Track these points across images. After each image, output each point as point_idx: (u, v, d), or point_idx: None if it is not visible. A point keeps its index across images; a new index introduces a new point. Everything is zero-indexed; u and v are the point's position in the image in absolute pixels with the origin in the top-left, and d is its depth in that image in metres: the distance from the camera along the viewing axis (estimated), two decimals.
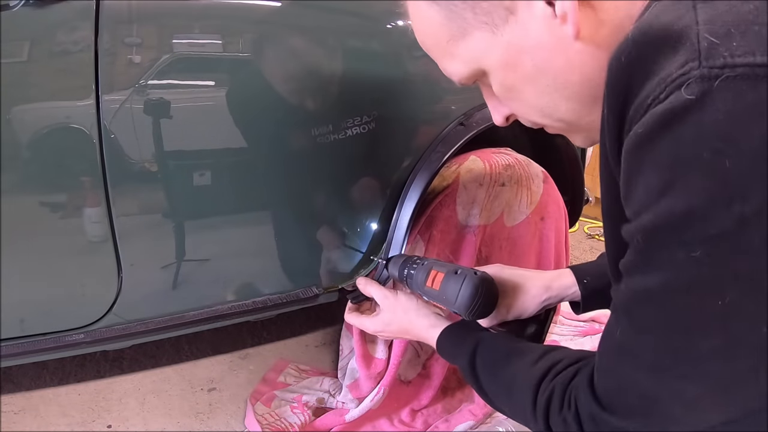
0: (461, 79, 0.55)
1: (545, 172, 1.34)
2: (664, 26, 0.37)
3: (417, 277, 0.87)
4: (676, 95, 0.35)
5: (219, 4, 0.99)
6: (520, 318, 0.87)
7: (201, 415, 1.23)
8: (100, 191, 0.94)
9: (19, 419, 1.18)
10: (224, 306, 1.13)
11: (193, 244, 1.04)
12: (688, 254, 0.37)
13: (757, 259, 0.35)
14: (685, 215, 0.36)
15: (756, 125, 0.33)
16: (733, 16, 0.35)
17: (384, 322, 0.97)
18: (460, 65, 0.54)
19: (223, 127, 0.99)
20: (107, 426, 1.19)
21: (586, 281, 0.84)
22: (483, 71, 0.53)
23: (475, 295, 0.77)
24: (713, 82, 0.33)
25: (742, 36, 0.33)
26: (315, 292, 1.20)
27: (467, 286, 0.77)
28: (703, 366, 0.41)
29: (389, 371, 1.21)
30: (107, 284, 1.01)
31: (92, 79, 0.88)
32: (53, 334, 1.03)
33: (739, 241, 0.35)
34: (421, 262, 0.89)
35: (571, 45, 0.46)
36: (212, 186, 1.01)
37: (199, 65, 0.97)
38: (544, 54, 0.48)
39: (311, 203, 1.12)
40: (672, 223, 0.37)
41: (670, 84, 0.35)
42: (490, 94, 0.58)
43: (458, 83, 0.57)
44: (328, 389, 1.30)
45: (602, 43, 0.46)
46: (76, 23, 0.87)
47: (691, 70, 0.34)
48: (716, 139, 0.34)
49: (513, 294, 0.86)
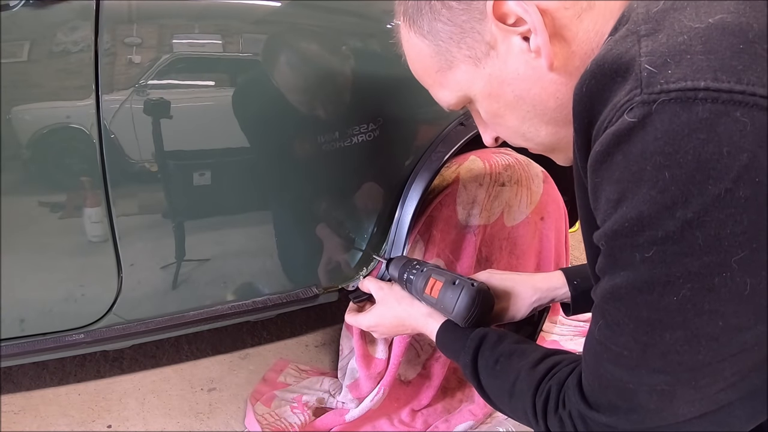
0: (449, 105, 0.61)
1: (545, 172, 1.34)
2: (615, 59, 0.43)
3: (416, 283, 0.90)
4: (622, 119, 0.40)
5: (219, 4, 0.99)
6: (512, 321, 0.88)
7: (201, 415, 1.23)
8: (100, 191, 0.94)
9: (19, 419, 1.18)
10: (224, 306, 1.13)
11: (193, 244, 1.04)
12: (643, 256, 0.42)
13: (704, 258, 0.40)
14: (637, 221, 0.41)
15: (690, 141, 0.38)
16: (669, 47, 0.40)
17: (379, 314, 0.98)
18: (448, 93, 0.60)
19: (223, 127, 0.99)
20: (107, 426, 1.19)
21: (576, 282, 0.87)
22: (469, 98, 0.59)
23: (472, 306, 0.80)
24: (652, 105, 0.39)
25: (677, 65, 0.39)
26: (315, 292, 1.20)
27: (464, 297, 0.80)
28: (670, 358, 0.45)
29: (389, 371, 1.21)
30: (107, 284, 1.01)
31: (92, 79, 0.88)
32: (53, 334, 1.03)
33: (684, 242, 0.40)
34: (420, 268, 0.91)
35: (546, 75, 0.52)
36: (212, 186, 1.01)
37: (199, 65, 0.97)
38: (523, 84, 0.54)
39: (311, 203, 1.12)
40: (627, 228, 0.42)
41: (618, 109, 0.41)
42: (479, 118, 0.63)
43: (447, 109, 0.62)
44: (328, 389, 1.30)
45: (574, 72, 0.51)
46: (76, 23, 0.87)
47: (635, 97, 0.40)
48: (657, 155, 0.39)
49: (504, 299, 0.88)
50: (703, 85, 0.37)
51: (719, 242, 0.39)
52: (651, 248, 0.41)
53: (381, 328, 1.00)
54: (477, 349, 0.74)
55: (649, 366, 0.46)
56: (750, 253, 0.39)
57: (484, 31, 0.53)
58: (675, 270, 0.41)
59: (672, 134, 0.38)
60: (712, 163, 0.37)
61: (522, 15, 0.49)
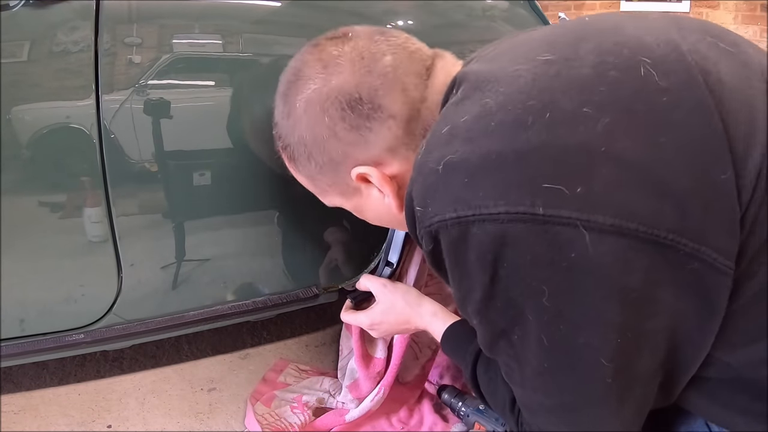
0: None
1: None
2: (407, 202, 0.59)
3: (465, 421, 1.10)
4: (425, 244, 0.57)
5: (219, 4, 0.99)
6: None
7: (201, 415, 1.23)
8: (100, 191, 0.94)
9: (19, 419, 1.18)
10: (224, 306, 1.13)
11: (193, 244, 1.04)
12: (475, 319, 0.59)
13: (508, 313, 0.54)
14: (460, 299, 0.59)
15: (458, 250, 0.53)
16: (425, 188, 0.55)
17: (382, 311, 0.98)
18: (326, 203, 0.77)
19: (223, 127, 0.99)
20: (107, 426, 1.19)
21: None
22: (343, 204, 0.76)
23: None
24: (431, 232, 0.55)
25: (432, 202, 0.54)
26: (315, 292, 1.20)
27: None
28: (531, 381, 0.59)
29: (390, 371, 1.21)
30: (107, 284, 1.01)
31: (92, 79, 0.88)
32: (53, 334, 1.03)
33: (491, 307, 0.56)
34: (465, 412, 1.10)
35: (396, 210, 0.70)
36: (212, 186, 1.01)
37: (199, 65, 0.97)
38: (380, 212, 0.74)
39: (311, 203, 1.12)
40: (459, 302, 0.60)
41: (419, 234, 0.58)
42: None
43: None
44: (329, 389, 1.30)
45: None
46: (76, 23, 0.87)
47: (421, 230, 0.56)
48: (449, 261, 0.56)
49: None
50: (448, 216, 0.52)
51: (513, 302, 0.53)
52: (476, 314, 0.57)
53: (384, 325, 1.00)
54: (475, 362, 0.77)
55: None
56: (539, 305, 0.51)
57: (350, 182, 0.69)
58: (493, 326, 0.57)
59: (448, 249, 0.54)
60: (477, 261, 0.52)
61: (378, 187, 0.68)
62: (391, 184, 0.67)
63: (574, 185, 0.47)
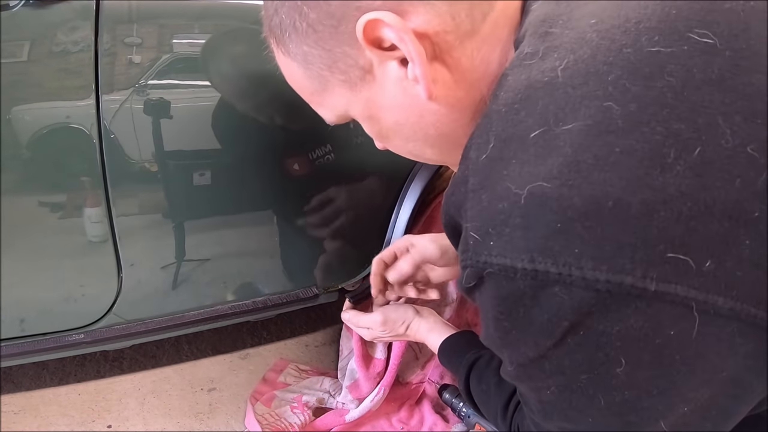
0: (331, 122, 0.57)
1: None
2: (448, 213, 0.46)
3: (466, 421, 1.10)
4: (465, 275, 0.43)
5: (219, 4, 0.99)
6: None
7: (201, 415, 1.23)
8: (100, 191, 0.94)
9: (19, 419, 1.18)
10: (224, 306, 1.13)
11: (193, 244, 1.04)
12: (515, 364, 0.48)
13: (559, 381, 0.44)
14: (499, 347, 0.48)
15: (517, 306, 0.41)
16: (490, 214, 0.40)
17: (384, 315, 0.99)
18: (327, 112, 0.56)
19: (223, 127, 0.99)
20: (107, 426, 1.19)
21: None
22: (350, 117, 0.55)
23: None
24: (482, 273, 0.41)
25: (498, 237, 0.39)
26: (315, 292, 1.20)
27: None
28: None
29: (389, 372, 1.21)
30: (107, 284, 1.01)
31: (92, 79, 0.88)
32: (53, 334, 1.03)
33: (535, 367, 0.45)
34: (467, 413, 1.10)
35: (425, 105, 0.49)
36: (212, 186, 1.01)
37: (199, 65, 0.97)
38: (401, 111, 0.50)
39: (310, 203, 1.12)
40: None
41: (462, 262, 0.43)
42: None
43: (330, 124, 0.58)
44: (328, 389, 1.30)
45: (456, 104, 0.49)
46: (76, 23, 0.87)
47: (467, 260, 0.42)
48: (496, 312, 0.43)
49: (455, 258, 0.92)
50: (520, 266, 0.38)
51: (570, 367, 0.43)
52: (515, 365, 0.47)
53: (384, 338, 1.01)
54: (468, 375, 0.79)
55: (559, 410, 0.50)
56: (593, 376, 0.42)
57: (358, 56, 0.47)
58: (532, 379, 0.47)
59: (501, 299, 0.41)
60: (546, 324, 0.40)
61: (397, 43, 0.44)
62: (417, 46, 0.44)
63: (704, 258, 0.35)
